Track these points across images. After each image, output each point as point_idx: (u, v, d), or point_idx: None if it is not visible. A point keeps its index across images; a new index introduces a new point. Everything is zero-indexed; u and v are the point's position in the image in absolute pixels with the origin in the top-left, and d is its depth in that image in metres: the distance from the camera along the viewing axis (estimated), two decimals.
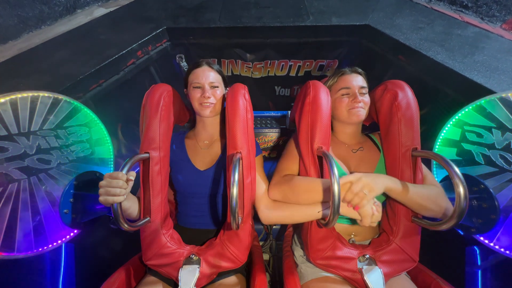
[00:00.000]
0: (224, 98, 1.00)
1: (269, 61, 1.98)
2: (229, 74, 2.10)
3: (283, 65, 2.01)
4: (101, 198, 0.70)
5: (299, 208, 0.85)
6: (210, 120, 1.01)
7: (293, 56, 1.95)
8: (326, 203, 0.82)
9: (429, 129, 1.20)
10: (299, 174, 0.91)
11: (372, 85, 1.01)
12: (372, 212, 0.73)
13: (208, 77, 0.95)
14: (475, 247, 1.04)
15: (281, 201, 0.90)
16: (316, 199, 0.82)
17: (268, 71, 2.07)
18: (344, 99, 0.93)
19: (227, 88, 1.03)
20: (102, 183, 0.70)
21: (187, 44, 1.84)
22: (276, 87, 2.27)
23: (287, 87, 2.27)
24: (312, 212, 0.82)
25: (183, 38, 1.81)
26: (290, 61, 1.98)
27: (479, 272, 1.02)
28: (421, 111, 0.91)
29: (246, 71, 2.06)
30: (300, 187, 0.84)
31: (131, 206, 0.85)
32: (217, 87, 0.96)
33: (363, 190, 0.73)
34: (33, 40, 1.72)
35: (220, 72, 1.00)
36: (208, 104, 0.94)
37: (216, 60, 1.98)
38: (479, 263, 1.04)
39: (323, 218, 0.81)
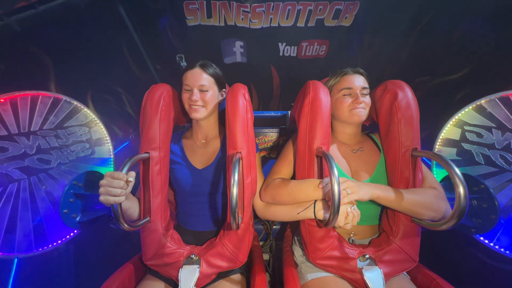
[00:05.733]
0: (217, 100, 1.00)
1: (272, 4, 1.53)
2: (222, 24, 1.65)
3: (289, 9, 1.57)
4: (101, 198, 0.70)
5: (291, 206, 0.86)
6: (204, 121, 1.01)
7: None
8: (306, 203, 0.83)
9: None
10: (298, 175, 0.91)
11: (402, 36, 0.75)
12: (347, 213, 0.74)
13: (198, 80, 0.94)
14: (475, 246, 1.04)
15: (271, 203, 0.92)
16: (299, 201, 0.84)
17: (271, 19, 1.61)
18: (346, 99, 0.93)
19: (223, 90, 1.03)
20: (102, 182, 0.70)
21: None
22: (280, 44, 1.78)
23: (294, 44, 1.76)
24: (305, 212, 0.83)
25: None
26: (298, 4, 1.54)
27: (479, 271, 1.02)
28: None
29: (243, 19, 1.63)
30: (283, 191, 0.87)
31: (131, 206, 0.85)
32: (207, 90, 0.95)
33: (346, 189, 0.75)
34: None
35: (214, 74, 0.98)
36: (196, 107, 0.94)
37: (205, 2, 1.54)
38: (478, 263, 1.04)
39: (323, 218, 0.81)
